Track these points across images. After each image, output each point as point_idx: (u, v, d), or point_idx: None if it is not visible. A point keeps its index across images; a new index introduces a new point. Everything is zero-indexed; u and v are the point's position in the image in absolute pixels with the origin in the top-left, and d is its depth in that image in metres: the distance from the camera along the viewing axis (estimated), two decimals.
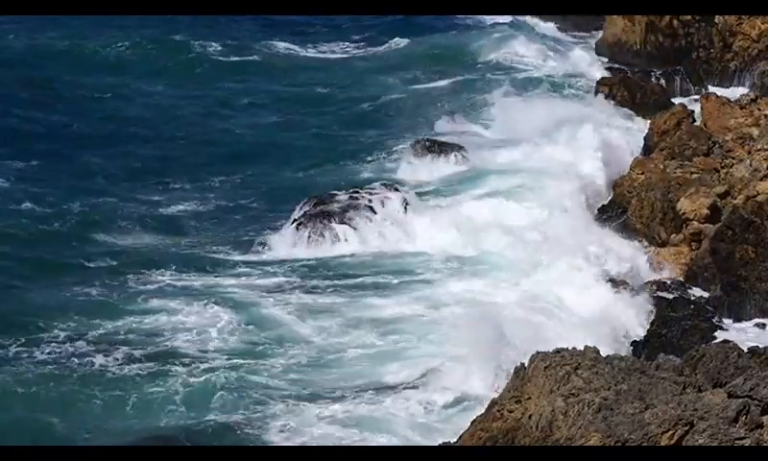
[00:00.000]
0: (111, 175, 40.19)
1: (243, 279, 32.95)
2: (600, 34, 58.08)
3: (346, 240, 34.88)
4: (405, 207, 36.76)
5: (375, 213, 36.07)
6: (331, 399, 26.23)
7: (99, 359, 27.58)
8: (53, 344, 28.25)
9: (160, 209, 37.58)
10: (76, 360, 27.56)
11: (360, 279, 32.89)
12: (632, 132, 44.19)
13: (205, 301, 31.01)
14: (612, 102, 47.49)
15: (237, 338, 29.10)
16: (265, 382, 26.83)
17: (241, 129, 46.03)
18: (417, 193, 38.87)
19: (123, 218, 36.25)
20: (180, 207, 37.92)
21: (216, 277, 33.01)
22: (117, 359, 27.66)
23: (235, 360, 27.78)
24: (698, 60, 52.70)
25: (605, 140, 41.62)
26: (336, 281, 32.85)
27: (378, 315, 30.33)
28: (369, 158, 42.79)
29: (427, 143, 41.74)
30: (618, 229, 35.10)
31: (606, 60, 55.15)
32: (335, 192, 37.86)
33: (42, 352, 27.81)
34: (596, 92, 48.72)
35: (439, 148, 41.30)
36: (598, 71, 53.14)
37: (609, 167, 39.87)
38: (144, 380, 26.81)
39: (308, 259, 34.36)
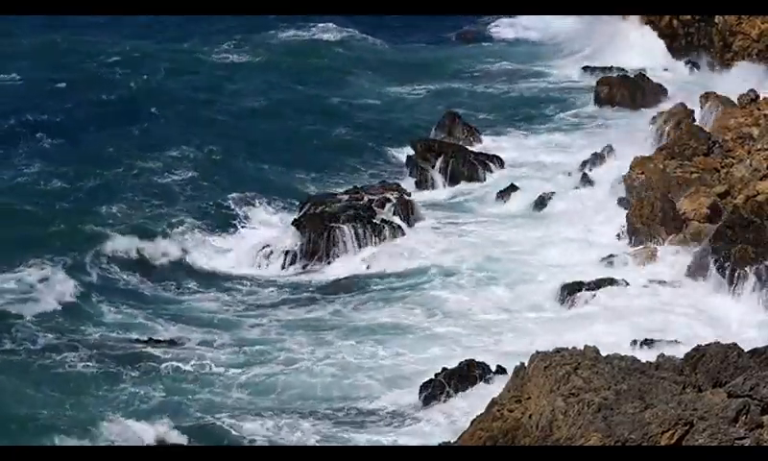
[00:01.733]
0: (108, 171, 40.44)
1: (238, 281, 33.00)
2: None
3: (344, 242, 34.82)
4: (406, 208, 36.75)
5: (376, 214, 36.03)
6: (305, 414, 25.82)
7: (66, 354, 27.68)
8: (22, 333, 28.51)
9: (154, 203, 37.72)
10: (45, 352, 27.70)
11: (359, 285, 32.77)
12: None
13: (189, 303, 30.98)
14: None
15: (226, 343, 28.97)
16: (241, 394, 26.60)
17: (235, 128, 46.09)
18: (417, 193, 38.97)
19: (116, 213, 36.45)
20: (177, 201, 37.99)
21: (208, 278, 33.00)
22: (83, 356, 27.67)
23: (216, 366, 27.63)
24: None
25: None
26: (334, 286, 32.78)
27: (376, 324, 30.12)
28: (369, 158, 42.78)
29: (428, 144, 41.69)
30: None
31: None
32: (335, 192, 37.90)
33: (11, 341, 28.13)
34: (596, 92, 48.72)
35: (440, 148, 41.25)
36: None
37: None
38: (105, 380, 26.72)
39: (306, 261, 34.32)
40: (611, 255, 32.81)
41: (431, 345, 28.86)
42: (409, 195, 37.94)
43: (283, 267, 34.28)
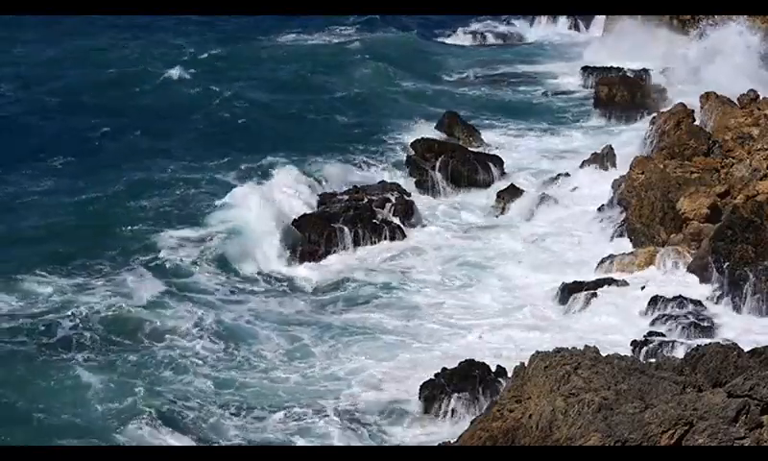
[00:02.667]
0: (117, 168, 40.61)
1: (235, 277, 33.01)
2: None
3: (344, 242, 34.81)
4: (405, 208, 36.76)
5: (375, 215, 36.03)
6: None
7: (67, 349, 27.80)
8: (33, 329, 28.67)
9: (160, 202, 37.71)
10: (52, 349, 27.77)
11: (357, 285, 32.69)
12: None
13: (180, 300, 30.92)
14: None
15: (209, 334, 28.92)
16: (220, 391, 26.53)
17: (240, 127, 46.22)
18: (417, 193, 38.96)
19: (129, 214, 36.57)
20: (180, 201, 37.94)
21: (206, 273, 32.97)
22: (82, 352, 27.74)
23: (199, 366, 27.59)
24: None
25: None
26: (332, 286, 32.73)
27: (371, 324, 30.02)
28: (369, 158, 42.75)
29: (428, 144, 41.68)
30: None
31: None
32: (335, 192, 37.89)
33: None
34: (596, 93, 48.75)
35: (440, 148, 41.24)
36: None
37: None
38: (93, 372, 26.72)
39: (306, 260, 34.27)
40: (610, 256, 32.80)
41: (427, 346, 28.76)
42: (409, 195, 37.97)
43: (286, 264, 34.27)
